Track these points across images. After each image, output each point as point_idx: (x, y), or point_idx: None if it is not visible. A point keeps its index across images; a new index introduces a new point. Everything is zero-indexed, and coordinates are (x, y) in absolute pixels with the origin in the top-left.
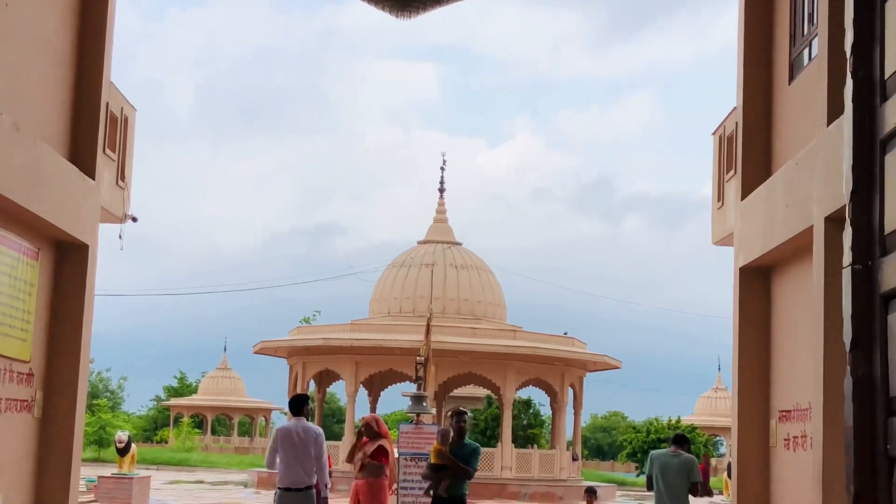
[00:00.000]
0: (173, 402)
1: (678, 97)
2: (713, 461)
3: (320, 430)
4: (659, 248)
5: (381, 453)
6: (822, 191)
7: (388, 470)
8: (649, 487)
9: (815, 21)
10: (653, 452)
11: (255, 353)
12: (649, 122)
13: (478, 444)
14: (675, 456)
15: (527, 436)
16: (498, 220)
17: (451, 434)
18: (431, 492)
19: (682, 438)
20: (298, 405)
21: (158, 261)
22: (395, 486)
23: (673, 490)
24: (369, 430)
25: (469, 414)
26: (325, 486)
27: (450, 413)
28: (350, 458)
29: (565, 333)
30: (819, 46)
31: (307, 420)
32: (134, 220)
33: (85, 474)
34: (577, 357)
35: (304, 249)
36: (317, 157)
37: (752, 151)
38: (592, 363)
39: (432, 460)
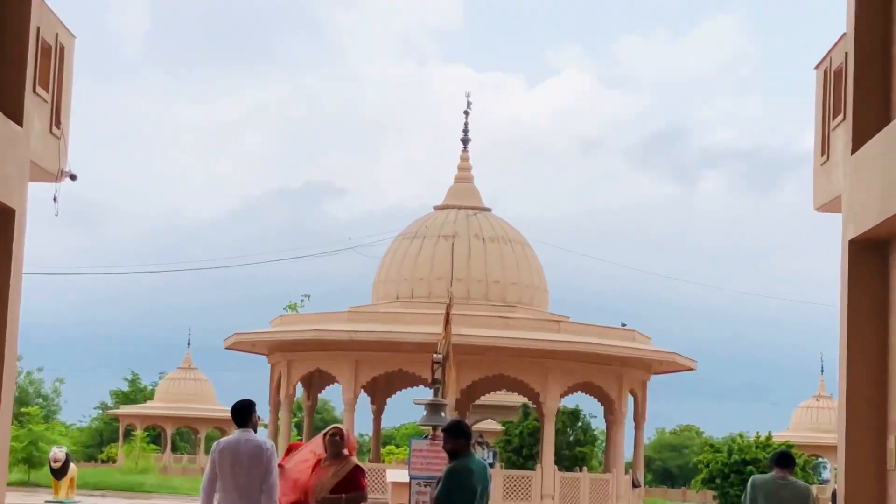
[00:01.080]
0: (123, 410)
1: (772, 21)
2: (814, 488)
3: (271, 445)
4: (746, 215)
5: (360, 474)
6: None
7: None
8: None
9: None
10: (754, 478)
11: (228, 348)
12: (734, 54)
13: (453, 466)
14: (783, 483)
15: (574, 455)
16: (538, 179)
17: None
18: None
19: (787, 459)
20: (243, 414)
21: (104, 230)
22: None
23: None
24: (335, 447)
25: (464, 425)
26: None
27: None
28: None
29: (624, 325)
30: None
31: (255, 432)
32: (72, 177)
33: (10, 502)
34: (639, 355)
35: (290, 217)
36: (306, 99)
37: (866, 90)
38: (658, 363)
39: None
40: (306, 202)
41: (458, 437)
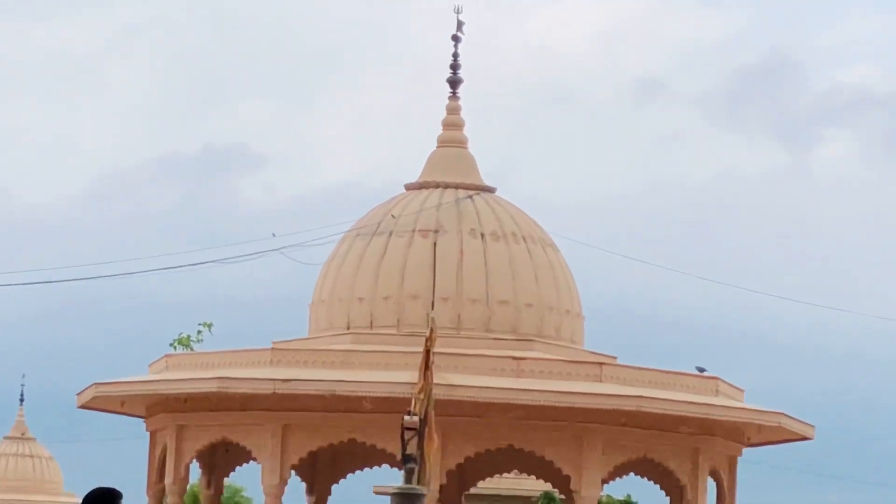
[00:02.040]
0: None
1: None
2: None
3: None
4: (890, 196)
5: None
6: None
7: None
8: None
9: None
10: None
11: (83, 407)
12: None
13: None
14: None
15: None
16: (568, 142)
17: None
18: None
19: None
20: None
21: None
22: None
23: None
24: None
25: None
26: None
27: None
28: None
29: (701, 370)
30: None
31: None
32: None
33: None
34: (727, 417)
35: (181, 200)
36: (209, 16)
37: None
38: (755, 429)
39: None
40: (206, 177)
41: None
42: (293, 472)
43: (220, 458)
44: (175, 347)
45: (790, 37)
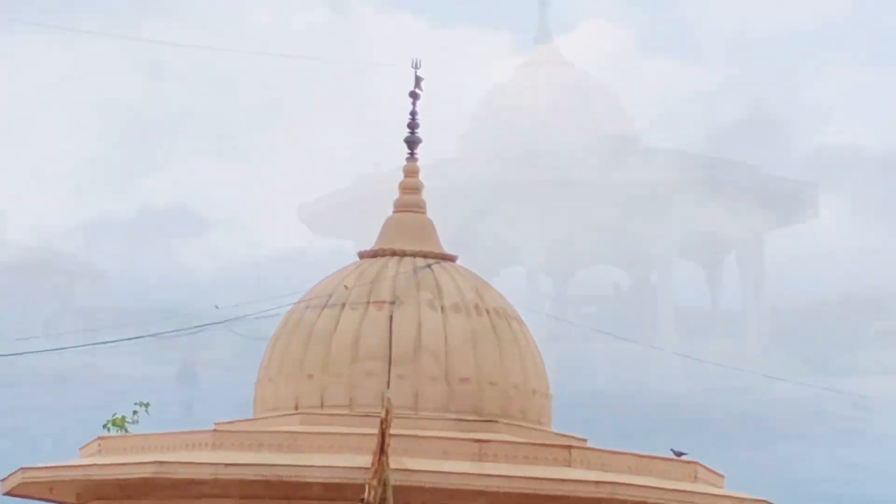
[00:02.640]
0: None
1: None
2: None
3: None
4: (889, 265)
5: None
6: None
7: None
8: None
9: None
10: None
11: (8, 494)
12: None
13: None
14: None
15: None
16: (532, 207)
17: None
18: None
19: None
20: None
21: None
22: None
23: None
24: None
25: None
26: None
27: None
28: None
29: (679, 454)
30: None
31: None
32: None
33: None
34: None
35: (115, 267)
36: (147, 64)
37: None
38: None
39: None
40: (142, 242)
41: None
42: None
43: None
44: (108, 429)
45: (775, 92)
